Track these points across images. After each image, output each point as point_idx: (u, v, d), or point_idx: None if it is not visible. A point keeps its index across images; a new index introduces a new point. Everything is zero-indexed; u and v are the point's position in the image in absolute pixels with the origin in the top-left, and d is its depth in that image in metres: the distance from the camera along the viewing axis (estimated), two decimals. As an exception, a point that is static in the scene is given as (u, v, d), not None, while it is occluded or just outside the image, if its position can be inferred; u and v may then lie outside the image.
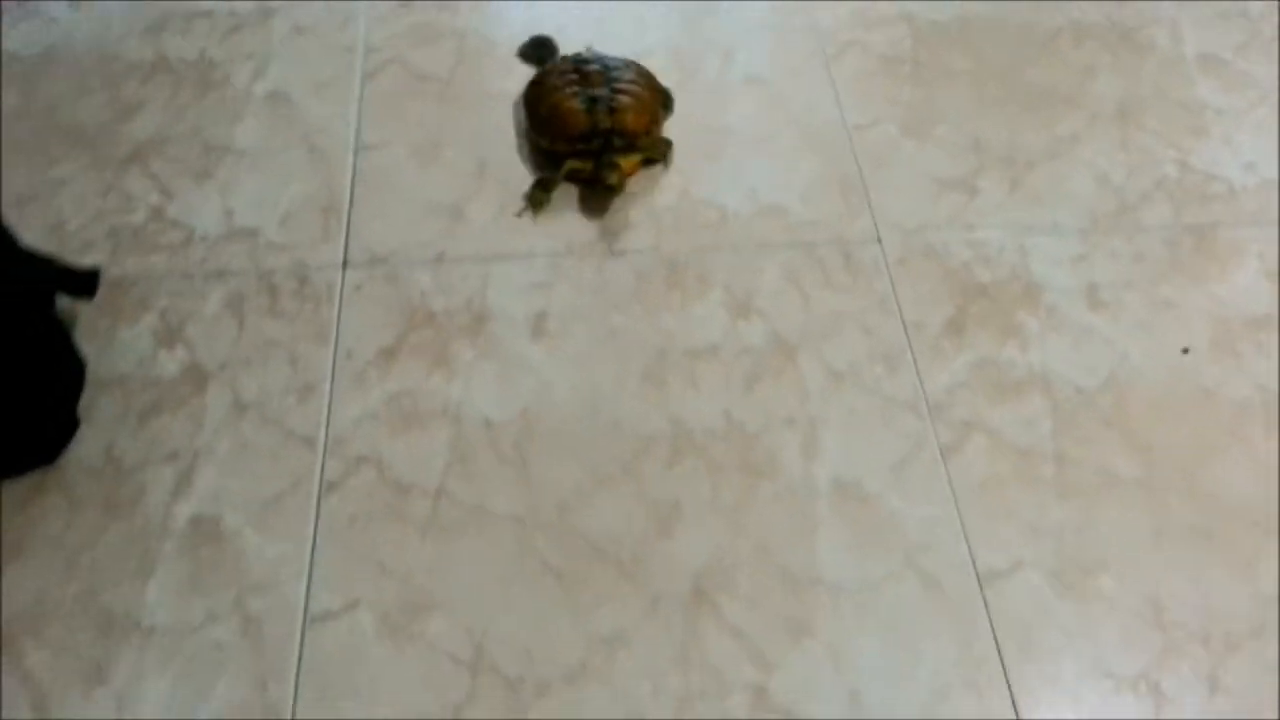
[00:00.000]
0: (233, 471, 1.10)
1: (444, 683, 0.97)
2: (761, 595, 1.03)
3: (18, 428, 1.08)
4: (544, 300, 1.23)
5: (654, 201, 1.33)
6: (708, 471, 1.11)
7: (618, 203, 1.32)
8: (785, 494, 1.09)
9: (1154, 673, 0.98)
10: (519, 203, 1.32)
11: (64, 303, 1.15)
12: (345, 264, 1.26)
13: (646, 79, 1.40)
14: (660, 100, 1.41)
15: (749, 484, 1.10)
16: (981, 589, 1.03)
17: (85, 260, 1.25)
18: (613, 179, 1.29)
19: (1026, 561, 1.05)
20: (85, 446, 1.12)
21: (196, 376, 1.17)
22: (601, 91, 1.33)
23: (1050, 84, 1.47)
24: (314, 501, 1.08)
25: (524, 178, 1.35)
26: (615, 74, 1.37)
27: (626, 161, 1.31)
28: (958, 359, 1.19)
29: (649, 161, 1.36)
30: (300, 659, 0.99)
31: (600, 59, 1.41)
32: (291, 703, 0.96)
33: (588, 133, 1.31)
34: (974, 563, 1.05)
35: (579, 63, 1.40)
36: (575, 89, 1.34)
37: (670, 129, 1.40)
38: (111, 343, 1.19)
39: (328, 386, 1.17)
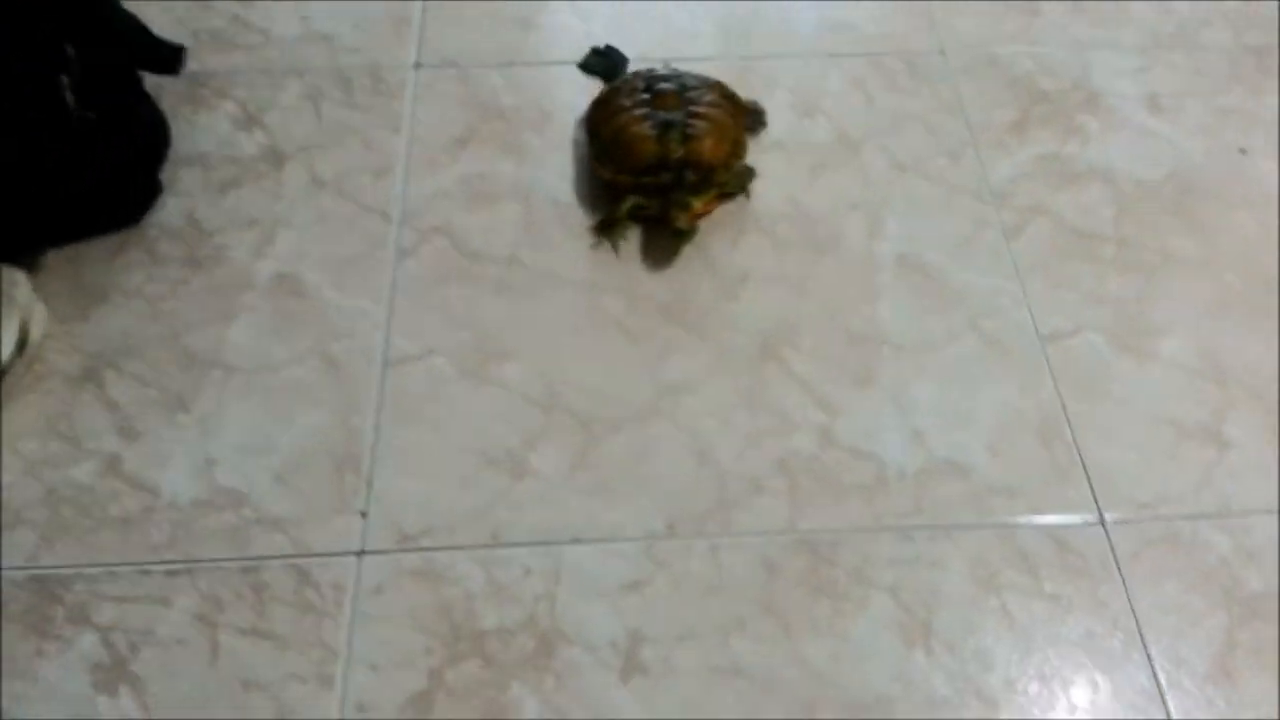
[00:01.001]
0: (311, 237, 1.14)
1: (519, 418, 1.00)
2: (825, 350, 1.05)
3: (103, 186, 1.12)
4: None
5: None
6: (773, 247, 1.13)
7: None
8: (849, 266, 1.11)
9: (1215, 423, 1.00)
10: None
11: (150, 80, 1.19)
12: (418, 65, 1.30)
13: (730, 100, 1.18)
14: (744, 124, 1.19)
15: (813, 258, 1.12)
16: (1043, 347, 1.05)
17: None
18: (682, 222, 1.09)
19: (1087, 325, 1.06)
20: (167, 212, 1.16)
21: (274, 156, 1.21)
22: (676, 115, 1.12)
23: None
24: (390, 265, 1.12)
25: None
26: (693, 94, 1.15)
27: (700, 200, 1.11)
28: (1020, 153, 1.21)
29: (726, 194, 1.15)
30: (381, 394, 1.02)
31: (677, 76, 1.19)
32: (373, 431, 1.00)
33: (656, 163, 1.10)
34: (1035, 325, 1.06)
35: (652, 80, 1.18)
36: (645, 110, 1.13)
37: (757, 148, 1.20)
38: (193, 126, 1.23)
39: (401, 168, 1.20)
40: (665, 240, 1.11)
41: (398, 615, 0.89)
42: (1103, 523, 0.94)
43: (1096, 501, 0.95)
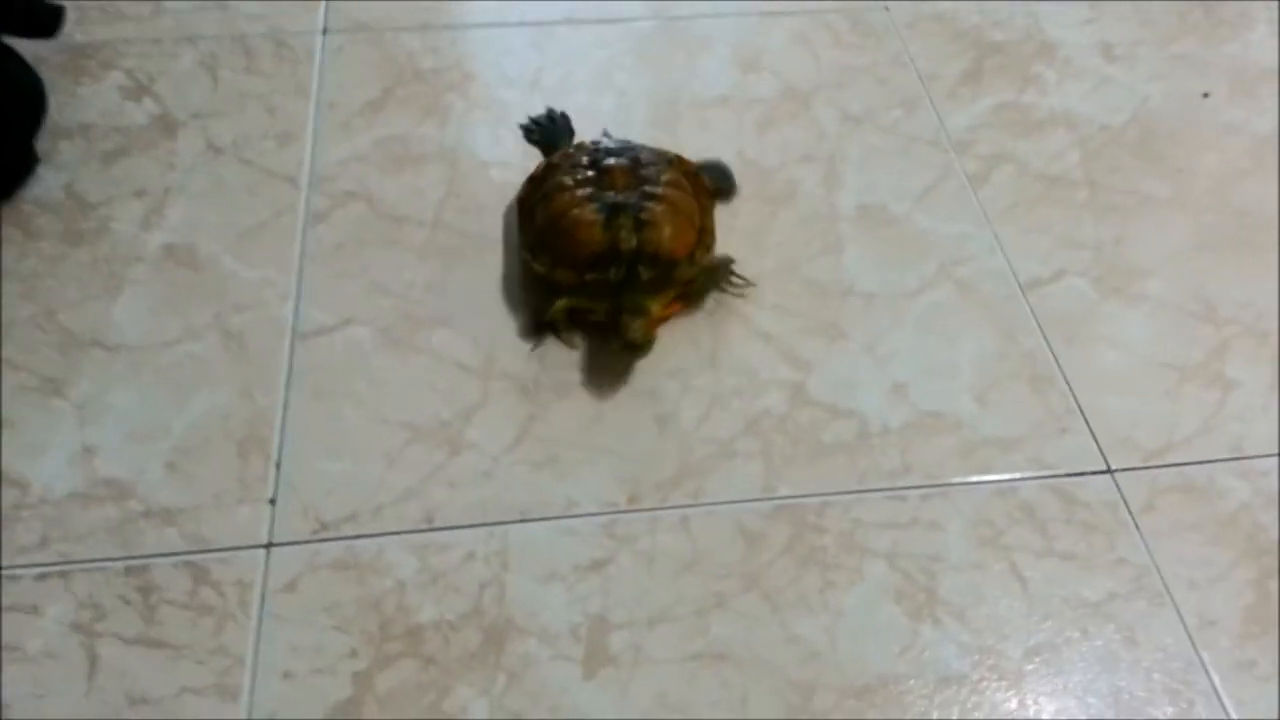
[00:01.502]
0: (208, 206, 1.01)
1: (453, 388, 0.88)
2: (790, 304, 0.95)
3: (-34, 156, 0.98)
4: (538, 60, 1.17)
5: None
6: (723, 201, 1.04)
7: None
8: (808, 218, 1.02)
9: (1215, 363, 0.92)
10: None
11: (28, 51, 1.05)
12: (325, 30, 1.18)
13: (692, 178, 0.98)
14: (711, 206, 0.99)
15: (768, 210, 1.03)
16: (1024, 293, 0.97)
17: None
18: (635, 332, 0.87)
19: (1069, 270, 0.99)
20: (44, 185, 1.01)
21: (166, 124, 1.07)
22: (628, 197, 0.92)
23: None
24: (298, 231, 0.99)
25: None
26: (648, 171, 0.95)
27: (657, 303, 0.90)
28: (978, 103, 1.14)
29: (691, 294, 0.94)
30: (290, 370, 0.89)
31: (629, 149, 0.98)
32: (282, 409, 0.86)
33: (604, 256, 0.89)
34: (1013, 271, 0.98)
35: (598, 153, 0.97)
36: (590, 190, 0.92)
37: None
38: (74, 98, 1.09)
39: (309, 133, 1.08)
40: (613, 355, 0.90)
41: (315, 614, 0.75)
42: (1110, 473, 0.85)
43: (1101, 451, 0.86)
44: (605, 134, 1.06)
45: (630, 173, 0.94)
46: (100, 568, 0.77)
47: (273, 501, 0.81)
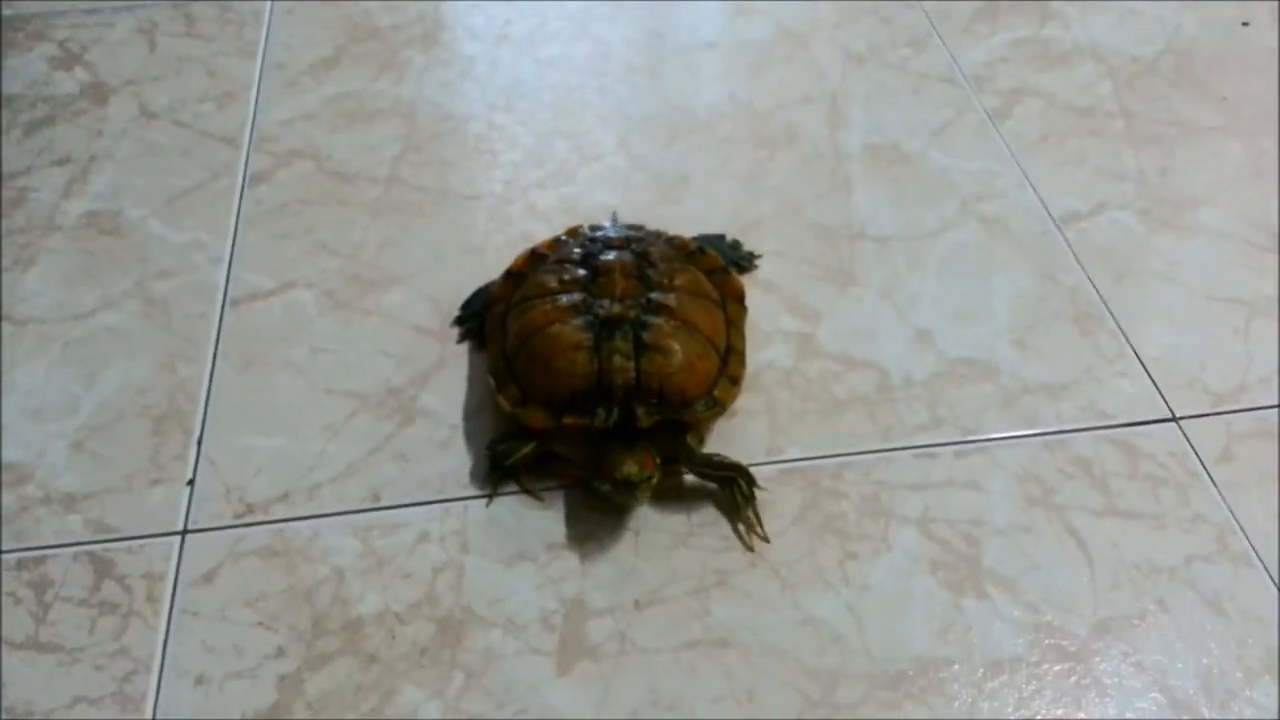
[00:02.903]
0: (136, 170, 0.90)
1: (407, 352, 0.76)
2: (793, 250, 0.83)
3: None
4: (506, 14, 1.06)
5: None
6: (715, 144, 0.92)
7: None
8: (811, 159, 0.91)
9: (1285, 295, 0.80)
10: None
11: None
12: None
13: (716, 278, 0.75)
14: (742, 315, 0.74)
15: (766, 153, 0.91)
16: (1060, 229, 0.85)
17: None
18: (628, 468, 0.64)
19: (1110, 203, 0.87)
20: (-47, 157, 0.92)
21: (98, 92, 0.97)
22: (626, 308, 0.69)
23: None
24: (236, 192, 0.88)
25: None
26: (657, 272, 0.72)
27: (646, 459, 0.65)
28: (993, 39, 1.02)
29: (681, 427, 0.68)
30: (219, 338, 0.77)
31: (635, 238, 0.76)
32: (206, 381, 0.75)
33: (588, 394, 0.66)
34: (1045, 206, 0.86)
35: (593, 244, 0.76)
36: (577, 296, 0.70)
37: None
38: (-4, 67, 1.00)
39: (252, 94, 0.97)
40: (595, 504, 0.67)
41: (235, 609, 0.63)
42: (1176, 420, 0.72)
43: (1163, 396, 0.74)
44: (614, 218, 0.83)
45: (634, 273, 0.72)
46: (-15, 563, 0.65)
47: (191, 483, 0.69)
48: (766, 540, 0.66)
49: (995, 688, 0.60)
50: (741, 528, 0.66)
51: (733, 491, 0.67)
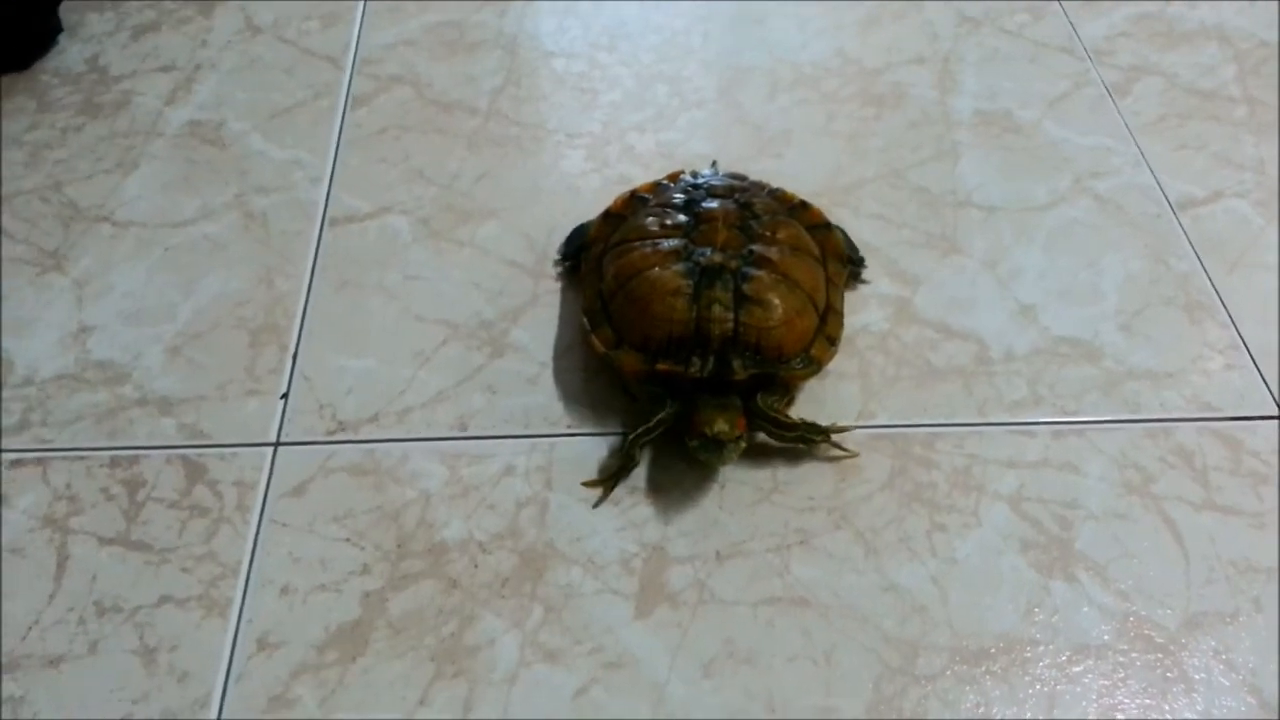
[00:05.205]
0: (239, 84, 0.90)
1: (498, 286, 0.76)
2: (894, 214, 0.81)
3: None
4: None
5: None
6: (820, 100, 0.90)
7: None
8: (918, 122, 0.88)
9: None
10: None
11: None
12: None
13: (820, 234, 0.74)
14: (843, 273, 0.74)
15: (872, 112, 0.89)
16: (1176, 213, 0.82)
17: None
18: (720, 426, 0.62)
19: (1227, 191, 0.83)
20: (66, 57, 0.92)
21: (204, 2, 0.98)
22: (728, 258, 0.68)
23: None
24: (336, 114, 0.88)
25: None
26: (760, 224, 0.71)
27: (738, 418, 0.63)
28: (1116, 12, 0.99)
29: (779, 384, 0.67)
30: (316, 257, 0.78)
31: (739, 187, 0.75)
32: (303, 298, 0.75)
33: (684, 341, 0.65)
34: (1162, 189, 0.83)
35: (696, 190, 0.75)
36: (678, 243, 0.69)
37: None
38: (103, -32, 1.00)
39: (358, 15, 0.97)
40: (682, 454, 0.65)
41: (323, 523, 0.63)
42: (1283, 417, 0.70)
43: (1272, 392, 0.71)
44: (713, 166, 0.82)
45: (737, 223, 0.70)
46: (82, 457, 0.66)
47: (285, 397, 0.69)
48: (855, 454, 0.67)
49: (1079, 673, 0.59)
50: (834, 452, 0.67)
51: (813, 445, 0.67)
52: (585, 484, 0.66)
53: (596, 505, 0.65)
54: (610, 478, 0.66)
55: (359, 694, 0.57)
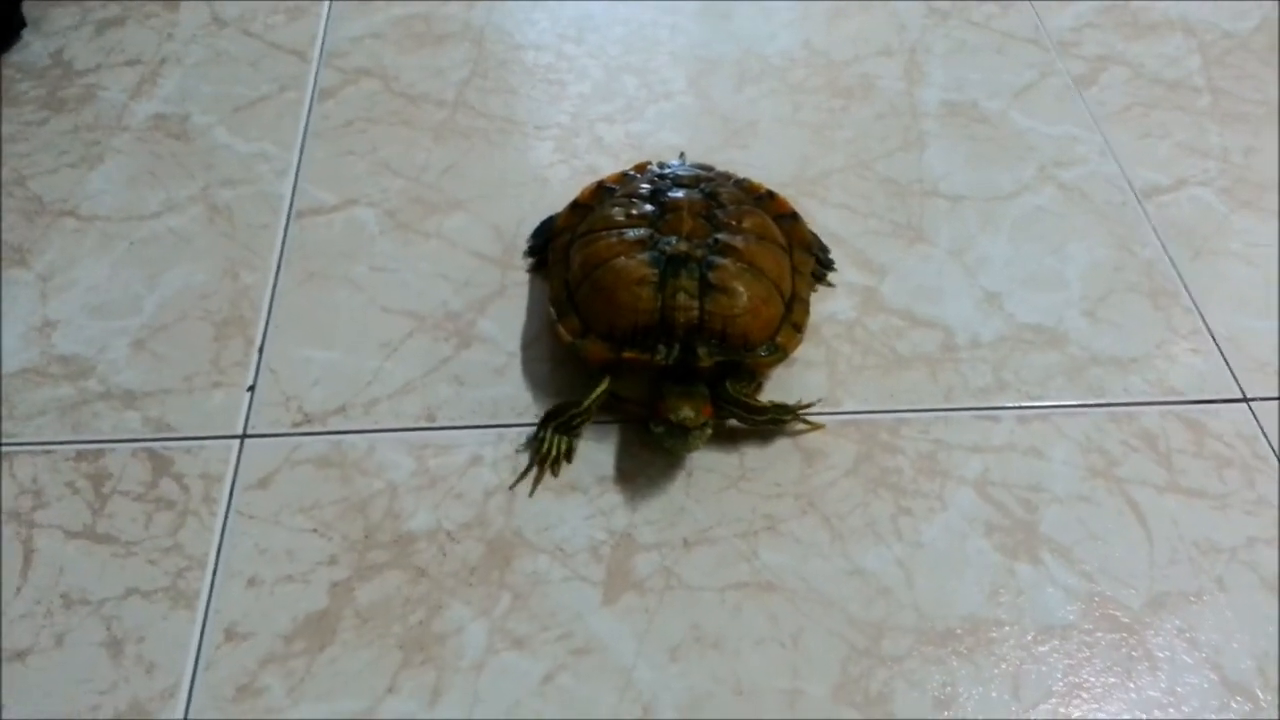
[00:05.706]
0: (205, 77, 0.90)
1: (466, 277, 0.76)
2: (861, 203, 0.82)
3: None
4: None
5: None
6: (787, 91, 0.91)
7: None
8: (885, 113, 0.89)
9: (1367, 284, 0.78)
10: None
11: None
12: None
13: (784, 225, 0.74)
14: (808, 263, 0.74)
15: (839, 104, 0.90)
16: (1140, 201, 0.83)
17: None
18: (685, 413, 0.63)
19: (1191, 179, 0.84)
20: (29, 51, 0.91)
21: (168, -5, 0.98)
22: (694, 246, 0.68)
23: None
24: (303, 107, 0.88)
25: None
26: (725, 214, 0.71)
27: (704, 405, 0.64)
28: (1081, 3, 1.00)
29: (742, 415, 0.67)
30: (283, 249, 0.77)
31: (705, 178, 0.76)
32: (269, 291, 0.75)
33: (650, 330, 0.66)
34: (1127, 177, 0.84)
35: (662, 180, 0.75)
36: (644, 232, 0.70)
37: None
38: (67, -37, 0.99)
39: (324, 9, 0.97)
40: (649, 442, 0.66)
41: (290, 515, 0.63)
42: (1247, 401, 0.71)
43: (1235, 376, 0.72)
44: (681, 157, 0.83)
45: (702, 212, 0.71)
46: (48, 451, 0.66)
47: (251, 389, 0.69)
48: (821, 427, 0.68)
49: (1045, 652, 0.59)
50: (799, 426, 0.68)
51: (782, 424, 0.68)
52: (511, 486, 0.65)
53: (528, 491, 0.65)
54: (527, 469, 0.66)
55: (327, 683, 0.57)
